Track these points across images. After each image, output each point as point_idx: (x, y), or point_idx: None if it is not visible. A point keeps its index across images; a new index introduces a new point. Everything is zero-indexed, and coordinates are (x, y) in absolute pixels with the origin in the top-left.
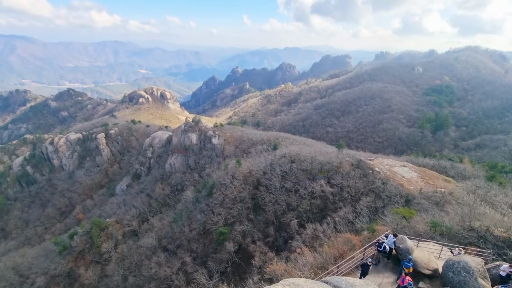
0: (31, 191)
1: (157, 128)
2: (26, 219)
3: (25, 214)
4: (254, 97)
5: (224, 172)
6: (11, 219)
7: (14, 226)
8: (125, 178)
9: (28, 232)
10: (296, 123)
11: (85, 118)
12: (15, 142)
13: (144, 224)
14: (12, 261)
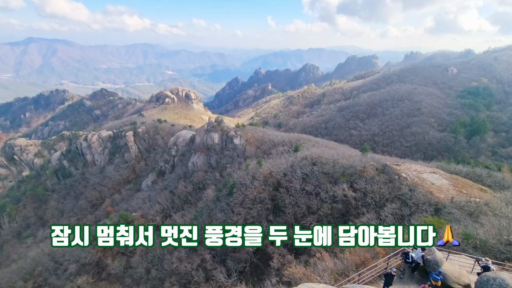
0: (66, 183)
1: (182, 127)
2: (62, 209)
3: (60, 205)
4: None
5: (245, 172)
6: (49, 208)
7: (51, 216)
8: (151, 174)
9: (63, 222)
10: (319, 125)
11: (116, 117)
12: (54, 138)
13: (167, 219)
14: (48, 248)
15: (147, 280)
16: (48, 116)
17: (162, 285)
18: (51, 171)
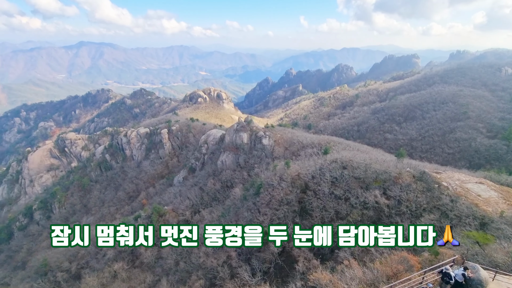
0: (107, 175)
1: (212, 126)
2: (103, 199)
3: (102, 195)
4: (306, 99)
5: (272, 173)
6: (92, 198)
7: (94, 204)
8: (182, 171)
9: (103, 210)
10: (351, 127)
11: (152, 115)
12: (99, 133)
13: (196, 215)
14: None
15: (175, 272)
16: (94, 113)
17: (189, 277)
18: (95, 163)
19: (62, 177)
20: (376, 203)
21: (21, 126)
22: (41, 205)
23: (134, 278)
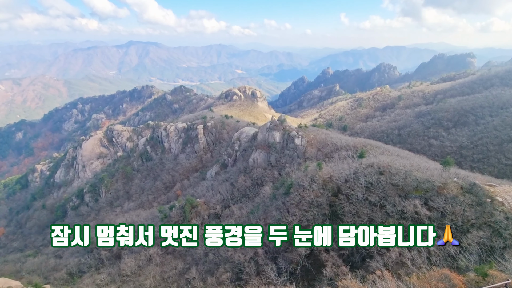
0: (148, 166)
1: (246, 124)
2: (143, 187)
3: (142, 183)
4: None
5: (304, 173)
6: (133, 185)
7: (135, 191)
8: (215, 166)
9: (143, 198)
10: (391, 131)
11: (190, 111)
12: (142, 126)
13: (226, 210)
14: (131, 218)
15: (204, 262)
16: (139, 107)
17: (217, 269)
18: (138, 154)
19: (109, 165)
20: (416, 213)
21: (77, 117)
22: (91, 188)
23: (167, 263)
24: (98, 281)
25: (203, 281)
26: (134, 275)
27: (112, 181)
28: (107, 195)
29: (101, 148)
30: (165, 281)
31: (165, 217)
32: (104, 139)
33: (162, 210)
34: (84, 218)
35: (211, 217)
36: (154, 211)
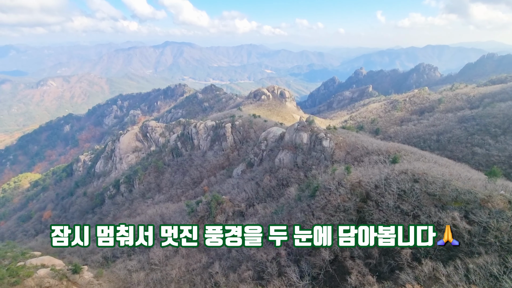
0: (178, 161)
1: (273, 124)
2: (172, 181)
3: (172, 177)
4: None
5: (331, 176)
6: (164, 179)
7: (165, 185)
8: (241, 164)
9: (172, 191)
10: (428, 136)
11: (219, 109)
12: (173, 123)
13: (250, 208)
14: (160, 211)
15: (227, 258)
16: (172, 105)
17: (239, 266)
18: (169, 149)
19: (143, 158)
20: (454, 226)
21: (117, 112)
22: (126, 180)
23: (192, 256)
24: (129, 266)
25: (226, 277)
26: (161, 265)
27: (145, 174)
28: (140, 187)
29: (136, 143)
30: (189, 272)
31: (192, 211)
32: (139, 134)
33: (189, 204)
34: (119, 207)
35: (236, 215)
36: (182, 204)
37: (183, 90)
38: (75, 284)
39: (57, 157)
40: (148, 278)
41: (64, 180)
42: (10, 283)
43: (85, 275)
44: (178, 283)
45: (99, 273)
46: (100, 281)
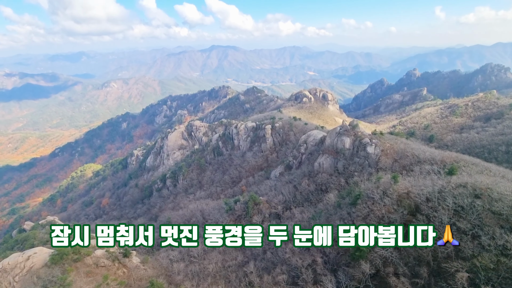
0: (218, 160)
1: (314, 127)
2: (213, 179)
3: (213, 175)
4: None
5: (375, 185)
6: (205, 176)
7: (206, 182)
8: (279, 166)
9: (212, 189)
10: (495, 146)
11: (260, 111)
12: (216, 123)
13: (287, 211)
14: (201, 206)
15: (262, 259)
16: (215, 106)
17: (273, 268)
18: (211, 148)
19: (187, 156)
20: None
21: (166, 112)
22: (172, 175)
23: (228, 253)
24: (171, 256)
25: (260, 277)
26: (199, 258)
27: (188, 171)
28: (183, 182)
29: (182, 141)
30: (225, 269)
31: (229, 209)
32: (185, 132)
33: (227, 202)
34: (164, 200)
35: (272, 217)
36: (220, 202)
37: (226, 91)
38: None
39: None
40: (187, 269)
41: (120, 171)
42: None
43: (133, 259)
44: (214, 278)
45: (145, 259)
46: (146, 266)
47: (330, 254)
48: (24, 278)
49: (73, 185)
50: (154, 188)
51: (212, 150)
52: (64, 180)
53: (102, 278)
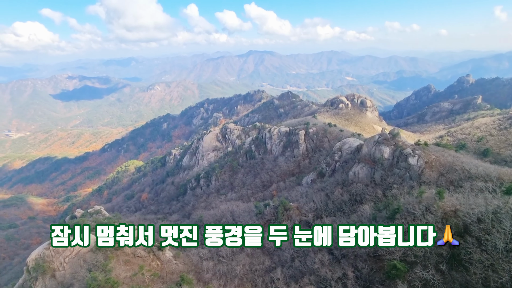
0: (251, 163)
1: (350, 134)
2: (244, 182)
3: (244, 178)
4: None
5: (416, 199)
6: (237, 178)
7: (237, 184)
8: (312, 173)
9: (243, 191)
10: None
11: (294, 116)
12: (250, 127)
13: (318, 220)
14: (231, 208)
15: (290, 267)
16: (250, 110)
17: (301, 277)
18: (244, 151)
19: (220, 157)
20: None
21: (203, 114)
22: (205, 175)
23: (256, 257)
24: (201, 254)
25: (287, 285)
26: (227, 259)
27: (221, 172)
28: (216, 183)
29: (216, 142)
30: (252, 272)
31: (259, 212)
32: (219, 134)
33: (258, 206)
34: (197, 199)
35: (302, 224)
36: (251, 205)
37: (261, 96)
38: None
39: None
40: (216, 269)
41: (159, 169)
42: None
43: (167, 253)
44: (241, 280)
45: (177, 254)
46: (177, 261)
47: (363, 270)
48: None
49: (117, 179)
50: (188, 186)
51: (244, 153)
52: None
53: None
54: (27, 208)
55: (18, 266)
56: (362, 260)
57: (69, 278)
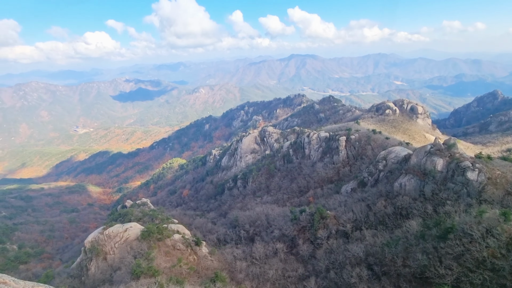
0: (288, 167)
1: (397, 142)
2: (280, 185)
3: (281, 182)
4: None
5: (475, 219)
6: (273, 182)
7: (273, 187)
8: (352, 182)
9: (279, 195)
10: None
11: (335, 121)
12: (288, 130)
13: (357, 232)
14: (266, 210)
15: (324, 278)
16: (289, 113)
17: None
18: (281, 155)
19: (258, 160)
20: None
21: (243, 117)
22: (242, 176)
23: (289, 263)
24: (235, 253)
25: None
26: (260, 261)
27: (258, 174)
28: (252, 185)
29: (254, 145)
30: (285, 278)
31: (294, 218)
32: (258, 137)
33: (293, 211)
34: (234, 199)
35: (339, 234)
36: (286, 209)
37: (301, 100)
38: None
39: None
40: (248, 270)
41: (200, 168)
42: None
43: (203, 249)
44: (273, 285)
45: (213, 251)
46: (212, 258)
47: None
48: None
49: (163, 175)
50: (226, 186)
51: (282, 156)
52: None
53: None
54: (87, 195)
55: (77, 246)
56: (406, 281)
57: (117, 262)
